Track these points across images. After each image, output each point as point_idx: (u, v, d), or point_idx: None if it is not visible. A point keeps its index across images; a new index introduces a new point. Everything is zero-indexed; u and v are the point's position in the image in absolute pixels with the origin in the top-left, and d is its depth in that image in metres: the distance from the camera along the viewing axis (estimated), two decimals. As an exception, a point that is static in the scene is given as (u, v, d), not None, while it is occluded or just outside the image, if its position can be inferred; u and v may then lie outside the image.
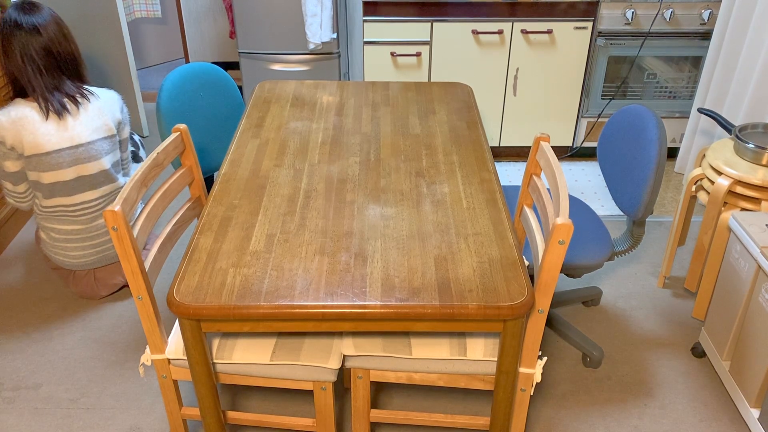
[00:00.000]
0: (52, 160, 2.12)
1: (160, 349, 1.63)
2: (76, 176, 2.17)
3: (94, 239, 2.29)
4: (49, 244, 2.31)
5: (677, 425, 1.97)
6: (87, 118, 2.16)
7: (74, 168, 2.16)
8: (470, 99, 2.32)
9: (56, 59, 2.10)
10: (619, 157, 2.03)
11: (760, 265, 1.82)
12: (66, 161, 2.13)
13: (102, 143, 2.20)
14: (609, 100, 3.27)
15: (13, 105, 2.10)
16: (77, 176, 2.17)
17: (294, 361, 1.59)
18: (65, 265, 2.34)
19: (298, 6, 3.15)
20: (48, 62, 2.08)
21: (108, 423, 1.98)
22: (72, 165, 2.15)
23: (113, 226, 1.42)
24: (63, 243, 2.28)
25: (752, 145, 2.12)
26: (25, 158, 2.12)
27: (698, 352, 2.21)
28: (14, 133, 2.07)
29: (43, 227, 2.29)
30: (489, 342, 1.62)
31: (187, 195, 3.12)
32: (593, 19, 3.06)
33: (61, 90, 2.12)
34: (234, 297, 1.38)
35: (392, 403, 2.04)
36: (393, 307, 1.36)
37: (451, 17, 3.06)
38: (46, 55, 2.07)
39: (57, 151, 2.11)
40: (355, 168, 1.86)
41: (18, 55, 2.04)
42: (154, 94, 4.16)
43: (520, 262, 1.48)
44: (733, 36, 2.84)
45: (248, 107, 2.24)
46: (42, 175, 2.14)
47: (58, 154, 2.11)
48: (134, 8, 4.29)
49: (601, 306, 2.45)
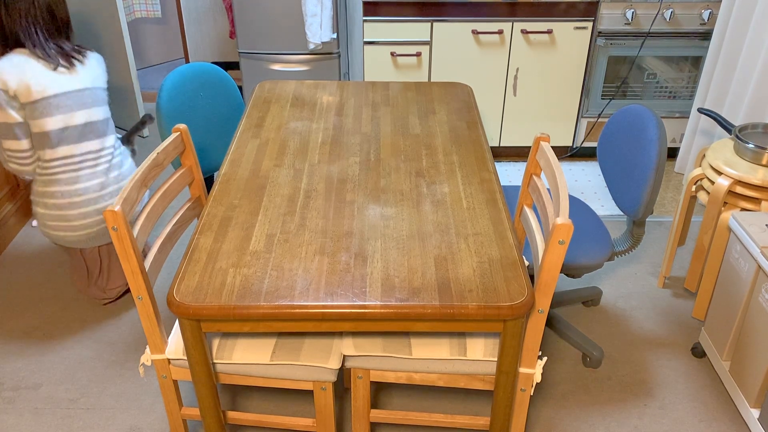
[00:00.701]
0: (61, 102, 2.10)
1: (160, 349, 1.63)
2: (86, 121, 2.16)
3: (98, 201, 2.24)
4: (49, 216, 2.22)
5: (677, 425, 1.97)
6: (87, 68, 2.19)
7: (83, 112, 2.15)
8: (470, 99, 2.32)
9: (55, 20, 2.13)
10: (619, 157, 2.03)
11: (760, 265, 1.82)
12: (75, 104, 2.13)
13: (102, 93, 2.23)
14: (609, 100, 3.27)
15: (11, 53, 2.08)
16: (86, 121, 2.16)
17: (294, 361, 1.59)
18: (68, 241, 2.27)
19: (298, 6, 3.15)
20: (49, 21, 2.11)
21: (108, 423, 1.98)
22: (80, 109, 2.14)
23: (113, 226, 1.42)
24: (65, 210, 2.21)
25: (752, 145, 2.12)
26: (30, 106, 2.07)
27: (698, 352, 2.21)
28: (18, 77, 2.04)
29: (44, 195, 2.21)
30: (489, 342, 1.62)
31: (187, 195, 3.12)
32: (593, 19, 3.06)
33: (60, 47, 2.15)
34: (234, 297, 1.38)
35: (392, 403, 2.04)
36: (393, 307, 1.36)
37: (451, 17, 3.06)
38: (48, 14, 2.10)
39: (65, 94, 2.10)
40: (355, 168, 1.86)
41: (22, 11, 2.06)
42: (154, 94, 4.16)
43: (520, 262, 1.48)
44: (733, 36, 2.84)
45: (248, 107, 2.24)
46: (50, 121, 2.10)
47: (66, 96, 2.11)
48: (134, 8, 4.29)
49: (601, 306, 2.45)
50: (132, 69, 3.56)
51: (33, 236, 2.85)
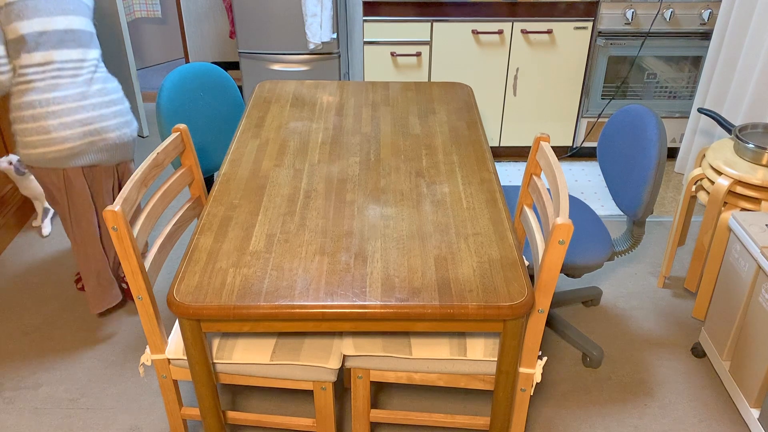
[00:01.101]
0: (40, 5, 2.02)
1: (160, 349, 1.63)
2: (66, 28, 2.07)
3: (79, 112, 2.09)
4: (28, 131, 2.07)
5: (677, 425, 1.97)
6: None
7: (63, 18, 2.07)
8: (470, 99, 2.32)
9: None
10: (619, 157, 2.03)
11: (760, 265, 1.82)
12: (55, 8, 2.04)
13: (87, 5, 2.14)
14: (609, 100, 3.27)
15: None
16: (67, 28, 2.07)
17: (294, 361, 1.59)
18: (51, 159, 2.10)
19: (298, 6, 3.15)
20: None
21: (108, 423, 1.98)
22: (61, 14, 2.06)
23: (113, 226, 1.42)
24: (44, 121, 2.05)
25: (752, 145, 2.12)
26: (6, 8, 1.99)
27: (698, 352, 2.21)
28: None
29: (21, 108, 2.07)
30: (489, 342, 1.62)
31: (187, 195, 3.12)
32: (593, 19, 3.06)
33: None
34: (234, 297, 1.38)
35: (392, 403, 2.04)
36: (393, 307, 1.36)
37: (451, 17, 3.06)
38: None
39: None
40: (355, 168, 1.86)
41: None
42: (154, 94, 4.16)
43: (520, 262, 1.48)
44: (733, 36, 2.84)
45: (248, 107, 2.24)
46: (26, 24, 2.01)
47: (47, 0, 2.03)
48: (134, 8, 4.30)
49: (601, 306, 2.45)
50: (132, 69, 3.56)
51: (33, 236, 2.85)
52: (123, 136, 2.18)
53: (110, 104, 2.15)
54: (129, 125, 2.21)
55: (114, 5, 3.35)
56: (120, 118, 2.17)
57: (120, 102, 2.19)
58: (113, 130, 2.15)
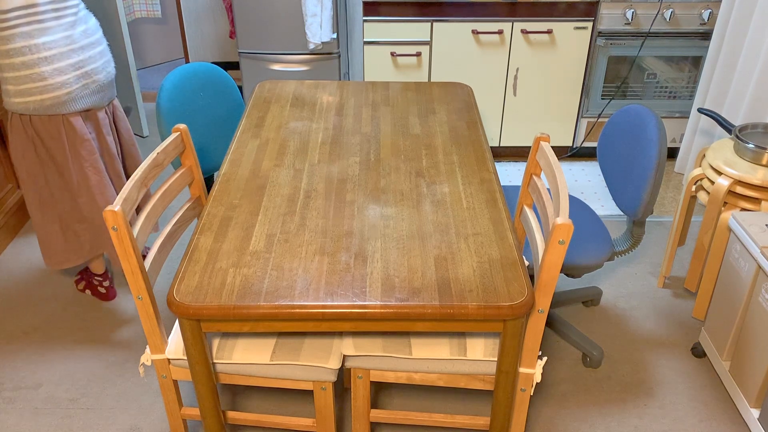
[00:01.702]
0: None
1: (160, 349, 1.63)
2: None
3: (70, 56, 2.07)
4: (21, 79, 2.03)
5: (677, 425, 1.97)
6: None
7: None
8: (470, 99, 2.32)
9: None
10: (619, 157, 2.03)
11: (760, 265, 1.82)
12: None
13: None
14: (609, 100, 3.27)
15: None
16: None
17: (294, 361, 1.59)
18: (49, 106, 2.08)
19: (298, 6, 3.15)
20: None
21: (108, 423, 1.98)
22: None
23: (113, 226, 1.42)
24: (38, 68, 2.02)
25: (752, 145, 2.12)
26: None
27: (698, 352, 2.21)
28: None
29: (8, 55, 2.02)
30: (489, 342, 1.62)
31: (187, 195, 3.12)
32: (593, 19, 3.06)
33: None
34: (234, 297, 1.38)
35: (392, 403, 2.04)
36: (393, 307, 1.36)
37: (451, 17, 3.06)
38: None
39: None
40: (355, 168, 1.86)
41: None
42: (154, 94, 4.16)
43: (520, 262, 1.48)
44: (733, 36, 2.84)
45: (248, 107, 2.24)
46: None
47: None
48: (134, 8, 4.30)
49: (601, 306, 2.45)
50: (132, 69, 3.56)
51: (33, 236, 2.85)
52: (109, 75, 2.22)
53: (95, 45, 2.17)
54: (111, 63, 2.25)
55: (114, 5, 3.35)
56: (105, 57, 2.21)
57: (102, 41, 2.21)
58: (101, 71, 2.18)
